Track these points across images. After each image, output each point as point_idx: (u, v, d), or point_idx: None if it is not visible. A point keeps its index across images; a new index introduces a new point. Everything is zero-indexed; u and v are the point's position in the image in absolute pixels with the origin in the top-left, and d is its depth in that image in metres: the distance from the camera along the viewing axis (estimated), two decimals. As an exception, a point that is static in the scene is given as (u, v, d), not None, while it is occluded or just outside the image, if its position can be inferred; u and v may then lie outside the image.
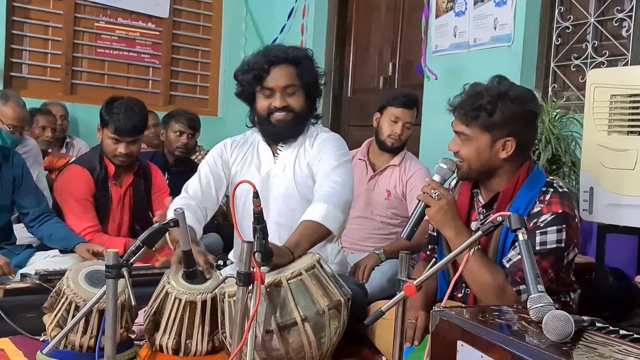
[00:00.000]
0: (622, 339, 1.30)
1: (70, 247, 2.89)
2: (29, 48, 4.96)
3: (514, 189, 2.02)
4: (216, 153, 2.50)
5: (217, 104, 5.62)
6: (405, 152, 3.30)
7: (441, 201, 1.97)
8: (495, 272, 1.93)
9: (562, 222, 1.94)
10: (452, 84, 4.04)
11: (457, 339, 1.40)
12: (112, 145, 3.07)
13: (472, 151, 2.02)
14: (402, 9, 4.82)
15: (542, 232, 1.93)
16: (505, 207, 2.01)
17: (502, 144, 2.00)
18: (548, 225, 1.93)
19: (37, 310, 2.19)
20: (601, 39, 3.54)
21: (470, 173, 2.07)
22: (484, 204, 2.11)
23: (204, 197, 2.41)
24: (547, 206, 1.96)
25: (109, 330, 1.70)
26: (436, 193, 1.98)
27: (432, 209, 1.98)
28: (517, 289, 1.90)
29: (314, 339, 1.83)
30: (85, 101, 4.87)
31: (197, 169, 2.51)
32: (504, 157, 2.01)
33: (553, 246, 1.93)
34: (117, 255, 1.70)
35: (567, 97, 3.57)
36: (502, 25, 3.78)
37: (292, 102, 2.37)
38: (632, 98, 2.51)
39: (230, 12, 5.57)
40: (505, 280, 1.91)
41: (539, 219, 1.95)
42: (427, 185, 2.03)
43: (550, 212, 1.95)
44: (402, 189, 3.20)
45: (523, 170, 2.04)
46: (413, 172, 3.20)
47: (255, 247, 1.71)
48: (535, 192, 2.00)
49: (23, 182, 3.00)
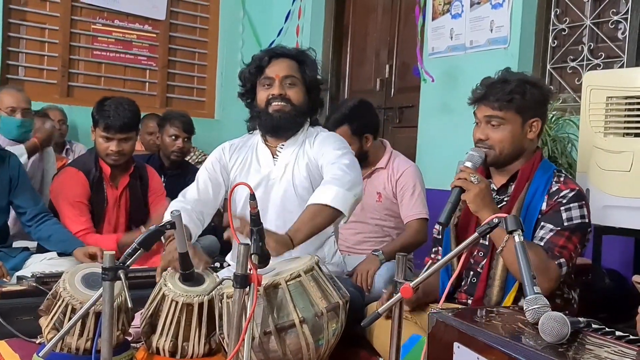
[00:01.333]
0: (618, 340, 1.30)
1: (69, 251, 2.88)
2: (26, 50, 4.96)
3: (531, 169, 2.12)
4: (214, 158, 2.50)
5: (214, 106, 5.62)
6: (392, 152, 3.28)
7: (480, 184, 2.00)
8: (537, 249, 1.97)
9: (581, 199, 2.05)
10: (448, 86, 4.08)
11: (454, 341, 1.40)
12: (104, 144, 3.06)
13: (507, 134, 2.10)
14: (399, 11, 4.83)
15: (566, 208, 2.03)
16: (524, 185, 2.10)
17: (529, 125, 2.13)
18: (570, 201, 2.04)
19: (33, 312, 2.18)
20: (597, 41, 3.55)
21: (500, 158, 2.13)
22: (498, 188, 2.18)
23: (201, 202, 2.41)
24: (564, 184, 2.07)
25: (105, 332, 1.70)
26: (474, 177, 2.01)
27: (471, 193, 1.99)
28: (558, 262, 1.98)
29: (312, 341, 1.83)
30: (81, 103, 4.86)
31: (192, 171, 2.51)
32: (531, 138, 2.14)
33: (579, 221, 2.03)
34: (114, 257, 1.70)
35: (564, 99, 3.57)
36: (499, 28, 3.79)
37: (290, 93, 2.38)
38: (627, 100, 2.52)
39: (227, 15, 5.57)
40: (548, 257, 1.97)
41: (559, 195, 2.05)
42: (462, 171, 2.05)
43: (569, 189, 2.05)
44: (392, 189, 3.19)
45: (538, 153, 2.17)
46: (402, 170, 3.19)
47: (252, 249, 1.71)
48: (549, 173, 2.11)
49: (19, 182, 2.99)
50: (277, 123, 2.39)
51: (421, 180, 3.19)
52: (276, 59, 2.39)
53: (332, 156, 2.32)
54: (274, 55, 2.40)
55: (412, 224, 3.11)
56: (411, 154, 4.19)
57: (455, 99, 3.95)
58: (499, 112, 2.09)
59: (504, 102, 2.08)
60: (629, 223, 2.53)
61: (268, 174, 2.43)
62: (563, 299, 2.11)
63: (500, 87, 2.10)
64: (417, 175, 3.19)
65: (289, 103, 2.37)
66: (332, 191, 2.15)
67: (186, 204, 2.36)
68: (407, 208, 3.13)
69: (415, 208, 3.11)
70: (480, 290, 2.09)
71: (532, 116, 2.12)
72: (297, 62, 2.41)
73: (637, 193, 2.46)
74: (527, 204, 2.07)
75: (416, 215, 3.10)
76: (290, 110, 2.37)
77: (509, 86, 2.09)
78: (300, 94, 2.40)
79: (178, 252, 1.94)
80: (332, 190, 2.15)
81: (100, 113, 3.05)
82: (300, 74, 2.40)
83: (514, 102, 2.09)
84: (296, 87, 2.39)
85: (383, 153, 3.23)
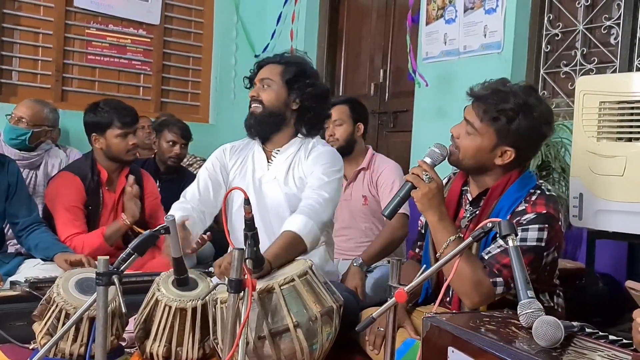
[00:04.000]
0: (611, 344, 1.31)
1: (51, 256, 2.85)
2: (19, 55, 4.93)
3: (504, 187, 2.03)
4: (215, 158, 2.53)
5: (209, 110, 5.61)
6: (373, 153, 3.33)
7: (431, 184, 1.94)
8: (474, 263, 1.91)
9: (544, 222, 1.93)
10: (442, 91, 4.09)
11: (448, 345, 1.40)
12: (123, 142, 3.06)
13: (473, 146, 2.02)
14: (393, 16, 4.84)
15: (523, 229, 1.93)
16: (493, 203, 2.02)
17: (501, 151, 2.01)
18: (530, 223, 1.93)
19: (26, 318, 2.17)
20: (590, 47, 3.57)
21: (460, 164, 2.08)
22: (472, 199, 2.12)
23: (202, 201, 2.44)
24: (532, 206, 1.96)
25: (99, 338, 1.69)
26: (427, 175, 1.95)
27: (419, 191, 1.94)
28: (493, 281, 1.89)
29: (306, 345, 1.83)
30: (75, 108, 4.82)
31: (188, 176, 2.52)
32: (498, 164, 2.02)
33: (533, 244, 1.92)
34: (108, 262, 1.70)
35: (557, 104, 3.59)
36: (492, 33, 3.81)
37: (263, 94, 2.43)
38: (620, 105, 2.53)
39: (221, 19, 5.57)
40: (484, 272, 1.90)
41: (522, 217, 1.95)
42: (418, 166, 1.99)
43: (534, 212, 1.95)
44: (375, 189, 3.21)
45: (515, 172, 2.05)
46: (382, 169, 3.22)
47: (247, 254, 1.71)
48: (523, 192, 2.01)
49: (17, 190, 2.98)
50: (249, 123, 2.48)
51: (401, 177, 3.20)
52: (265, 66, 2.49)
53: (317, 182, 2.35)
54: (262, 64, 2.51)
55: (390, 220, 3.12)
56: (405, 159, 4.19)
57: (449, 103, 3.96)
58: (479, 122, 2.00)
59: (490, 116, 1.98)
60: (622, 227, 2.53)
61: (260, 178, 2.45)
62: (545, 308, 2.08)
63: (495, 100, 1.98)
64: (397, 172, 3.23)
65: (260, 104, 2.43)
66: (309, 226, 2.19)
67: (187, 204, 2.40)
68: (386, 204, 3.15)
69: None
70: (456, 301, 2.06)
71: (508, 144, 1.99)
72: (282, 64, 2.46)
73: (630, 197, 2.47)
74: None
75: None
76: (261, 112, 2.43)
77: (505, 105, 1.96)
78: (273, 94, 2.43)
79: (172, 257, 1.93)
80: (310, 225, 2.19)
81: (108, 114, 3.05)
82: (280, 75, 2.43)
83: (497, 123, 1.97)
84: (270, 88, 2.43)
85: (365, 154, 3.30)
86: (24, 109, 3.54)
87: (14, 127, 3.48)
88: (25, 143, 3.50)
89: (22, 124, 3.49)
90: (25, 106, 3.57)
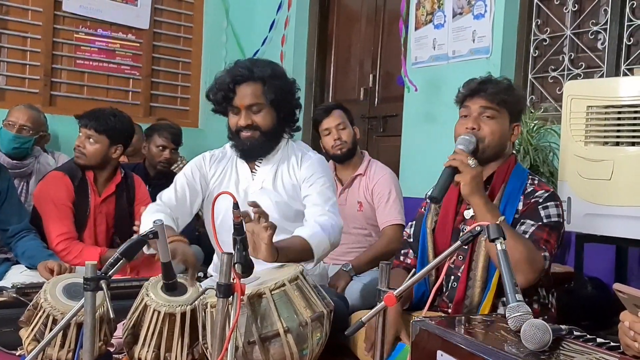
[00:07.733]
0: (600, 347, 1.31)
1: (35, 264, 2.81)
2: (7, 59, 4.91)
3: (506, 171, 2.15)
4: (194, 165, 2.49)
5: (198, 115, 5.60)
6: (369, 160, 3.33)
7: (477, 168, 2.00)
8: (526, 240, 1.98)
9: (556, 199, 2.09)
10: (431, 96, 4.11)
11: (437, 349, 1.40)
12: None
13: (498, 129, 2.14)
14: (382, 21, 4.86)
15: (543, 206, 2.06)
16: (501, 186, 2.13)
17: (513, 128, 2.20)
18: (546, 200, 2.06)
19: (13, 324, 2.15)
20: (577, 52, 3.60)
21: (486, 150, 2.13)
22: None
23: (178, 207, 2.41)
24: (539, 186, 2.12)
25: (87, 343, 1.68)
26: (472, 160, 2.01)
27: (467, 175, 1.98)
28: (544, 255, 1.99)
29: (296, 351, 1.82)
30: (64, 112, 4.82)
31: (177, 180, 2.49)
32: (512, 141, 2.22)
33: (556, 219, 2.06)
34: (96, 267, 1.69)
35: (545, 109, 3.61)
36: (481, 38, 3.83)
37: (257, 119, 2.35)
38: (607, 109, 2.56)
39: (211, 24, 5.57)
40: (535, 248, 1.98)
41: (534, 195, 2.08)
42: (457, 153, 2.04)
43: (544, 190, 2.10)
44: (370, 196, 3.22)
45: (513, 157, 2.21)
46: (378, 178, 3.23)
47: (236, 258, 1.70)
48: (523, 176, 2.15)
49: (8, 196, 2.95)
50: (247, 149, 2.40)
51: (397, 186, 3.22)
52: (239, 86, 2.33)
53: (319, 198, 2.34)
54: (236, 82, 2.33)
55: (386, 230, 3.13)
56: (395, 163, 4.20)
57: (439, 108, 3.98)
58: (496, 105, 2.14)
59: (501, 97, 2.13)
60: (610, 231, 2.56)
61: (246, 189, 2.43)
62: (540, 303, 2.12)
63: (495, 83, 2.17)
64: (393, 181, 3.23)
65: (257, 130, 2.36)
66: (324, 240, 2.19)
67: (164, 207, 2.37)
68: (382, 214, 3.16)
69: (390, 214, 3.13)
70: (460, 292, 2.09)
71: (516, 120, 2.20)
72: (261, 82, 2.33)
73: (617, 201, 2.49)
74: (504, 203, 2.09)
75: (391, 222, 3.12)
76: (259, 137, 2.37)
77: (503, 85, 2.17)
78: (268, 117, 2.36)
79: (161, 261, 1.92)
80: (324, 239, 2.19)
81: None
82: (264, 96, 2.33)
83: (508, 101, 2.15)
84: (262, 112, 2.35)
85: (362, 160, 3.30)
86: (23, 117, 3.49)
87: (16, 136, 3.44)
88: (28, 151, 3.48)
89: (24, 132, 3.46)
90: (23, 113, 3.52)
